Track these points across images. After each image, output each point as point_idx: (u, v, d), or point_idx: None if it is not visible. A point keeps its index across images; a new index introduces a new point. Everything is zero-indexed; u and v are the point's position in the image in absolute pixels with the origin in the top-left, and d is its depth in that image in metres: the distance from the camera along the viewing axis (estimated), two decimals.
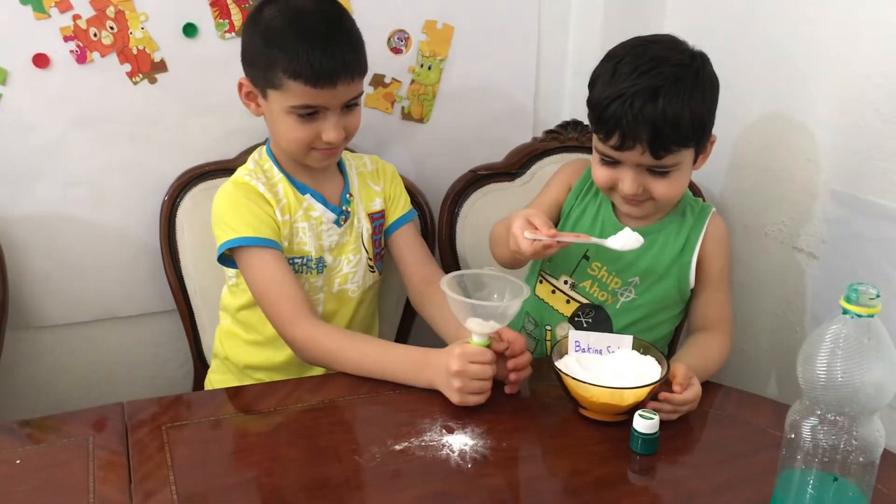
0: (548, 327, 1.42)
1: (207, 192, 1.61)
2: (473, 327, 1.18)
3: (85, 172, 1.58)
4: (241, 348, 1.51)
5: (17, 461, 1.05)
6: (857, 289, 0.84)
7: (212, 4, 1.56)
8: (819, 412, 0.87)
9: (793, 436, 0.90)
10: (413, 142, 1.80)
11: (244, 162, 1.57)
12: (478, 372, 1.16)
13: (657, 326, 1.37)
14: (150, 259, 1.65)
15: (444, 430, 1.14)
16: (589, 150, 1.66)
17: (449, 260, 1.68)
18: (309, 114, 1.33)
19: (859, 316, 0.84)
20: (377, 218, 1.52)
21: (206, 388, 1.58)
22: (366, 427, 1.18)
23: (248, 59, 1.37)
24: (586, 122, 1.71)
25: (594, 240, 1.24)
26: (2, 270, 1.49)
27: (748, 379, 1.66)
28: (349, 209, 1.47)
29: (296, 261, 1.43)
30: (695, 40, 1.34)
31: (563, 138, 1.70)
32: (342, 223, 1.46)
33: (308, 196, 1.44)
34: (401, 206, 1.55)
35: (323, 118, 1.34)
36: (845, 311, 0.85)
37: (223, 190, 1.43)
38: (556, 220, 1.44)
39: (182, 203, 1.62)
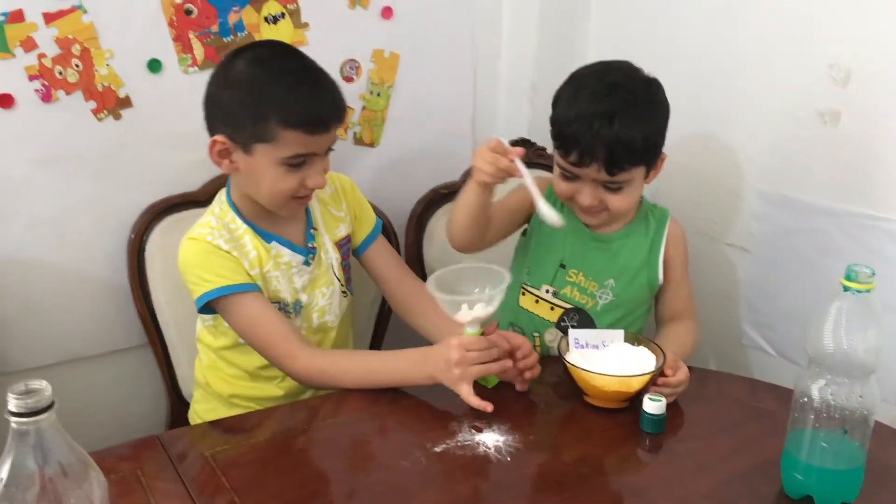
0: (535, 334, 1.52)
1: (176, 224, 1.62)
2: (465, 319, 1.25)
3: (49, 212, 1.55)
4: (225, 381, 1.51)
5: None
6: (855, 269, 1.00)
7: (175, 39, 1.58)
8: (828, 376, 1.03)
9: (805, 399, 1.05)
10: (365, 165, 1.87)
11: (209, 192, 1.60)
12: (476, 357, 1.23)
13: (633, 323, 1.51)
14: (118, 295, 1.63)
15: (473, 430, 1.22)
16: (536, 166, 1.82)
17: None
18: (299, 163, 1.33)
19: (858, 291, 1.00)
20: (344, 244, 1.54)
21: (191, 420, 1.58)
22: (399, 435, 1.24)
23: (225, 117, 1.33)
24: (532, 139, 1.86)
25: (533, 188, 1.31)
26: None
27: (691, 362, 1.83)
28: (314, 245, 1.48)
29: (275, 305, 1.42)
30: None
31: None
32: (311, 262, 1.47)
33: (274, 243, 1.42)
34: (366, 222, 1.58)
35: (310, 165, 1.34)
36: (846, 289, 1.01)
37: (187, 245, 1.39)
38: (521, 222, 1.55)
39: (151, 237, 1.61)
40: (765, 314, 1.70)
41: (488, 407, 1.22)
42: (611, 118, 1.34)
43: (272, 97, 1.29)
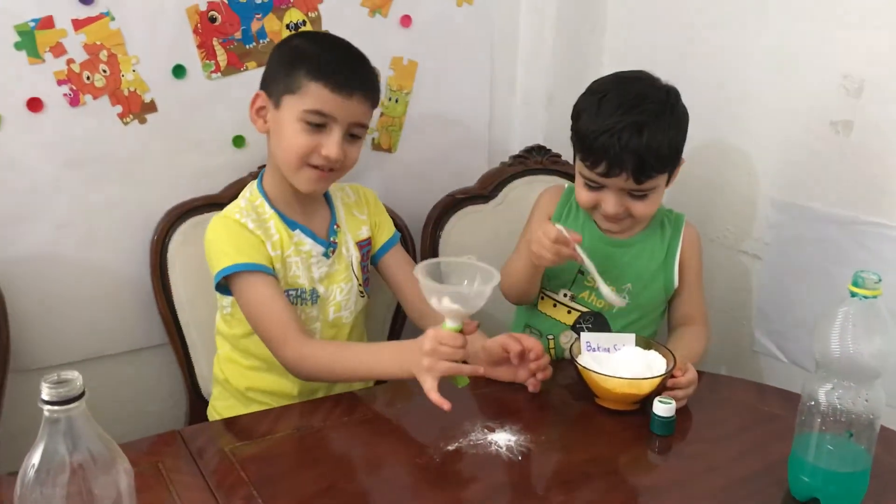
0: (550, 337, 1.55)
1: (196, 226, 1.65)
2: (445, 312, 1.24)
3: (76, 213, 1.59)
4: (240, 373, 1.55)
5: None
6: (862, 276, 1.02)
7: (199, 46, 1.62)
8: (834, 380, 1.05)
9: (812, 402, 1.07)
10: (383, 170, 1.90)
11: (230, 196, 1.64)
12: (448, 353, 1.23)
13: (647, 326, 1.53)
14: (141, 295, 1.67)
15: (486, 430, 1.25)
16: (552, 173, 1.85)
17: None
18: (318, 124, 1.40)
19: (865, 297, 1.02)
20: (364, 245, 1.61)
21: (210, 417, 1.62)
22: (413, 434, 1.27)
23: (269, 74, 1.47)
24: (548, 146, 1.89)
25: (595, 274, 1.39)
26: (3, 314, 1.48)
27: (702, 368, 1.85)
28: (336, 240, 1.55)
29: (290, 293, 1.49)
30: None
31: (530, 162, 1.86)
32: (330, 255, 1.53)
33: (298, 231, 1.50)
34: (386, 230, 1.64)
35: (328, 133, 1.41)
36: (853, 294, 1.03)
37: (214, 222, 1.48)
38: None
39: (173, 238, 1.65)
40: (776, 321, 1.72)
41: (445, 404, 1.21)
42: (640, 129, 1.37)
43: (306, 52, 1.43)
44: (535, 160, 1.86)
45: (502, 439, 1.23)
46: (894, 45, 1.45)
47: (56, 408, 0.72)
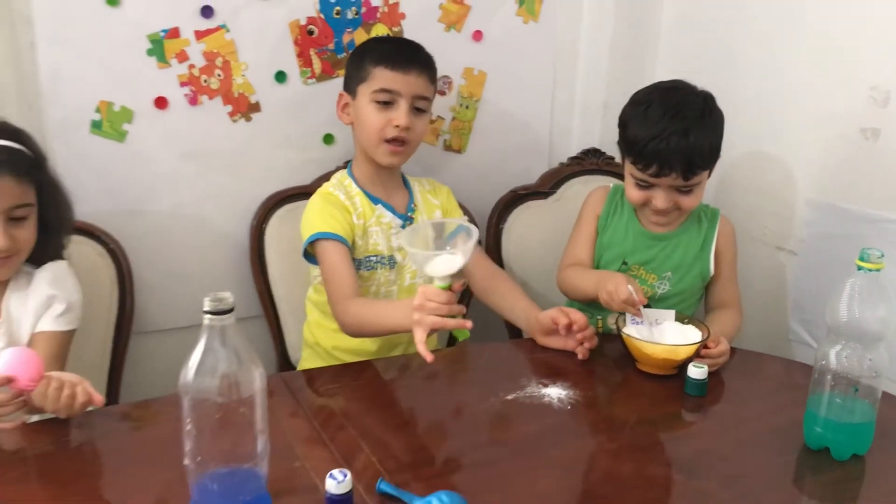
0: (598, 318, 1.74)
1: (290, 212, 1.90)
2: (433, 273, 1.36)
3: (190, 198, 1.85)
4: (328, 335, 1.78)
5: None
6: (867, 251, 1.19)
7: (298, 55, 1.87)
8: (843, 342, 1.22)
9: (824, 362, 1.24)
10: (453, 168, 2.12)
11: (318, 186, 1.87)
12: (434, 308, 1.33)
13: (686, 309, 1.71)
14: (241, 271, 1.92)
15: (540, 385, 1.44)
16: (606, 173, 2.04)
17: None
18: (386, 102, 1.67)
19: (869, 270, 1.19)
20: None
21: None
22: (476, 386, 1.47)
23: (346, 75, 1.77)
24: (602, 150, 2.09)
25: (649, 333, 1.51)
26: (130, 281, 1.74)
27: None
28: (413, 216, 1.79)
29: (371, 258, 1.73)
30: None
31: (585, 163, 2.06)
32: (407, 227, 1.76)
33: (379, 206, 1.75)
34: (457, 217, 1.87)
35: (396, 107, 1.68)
36: (859, 268, 1.20)
37: (312, 199, 1.75)
38: (594, 249, 1.77)
39: (269, 223, 1.89)
40: (810, 312, 1.88)
41: (428, 357, 1.33)
42: (685, 132, 1.56)
43: (369, 47, 1.75)
44: (590, 161, 2.06)
45: (554, 393, 1.42)
46: None
47: (214, 317, 0.95)
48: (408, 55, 1.71)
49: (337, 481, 1.06)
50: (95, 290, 1.66)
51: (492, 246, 2.00)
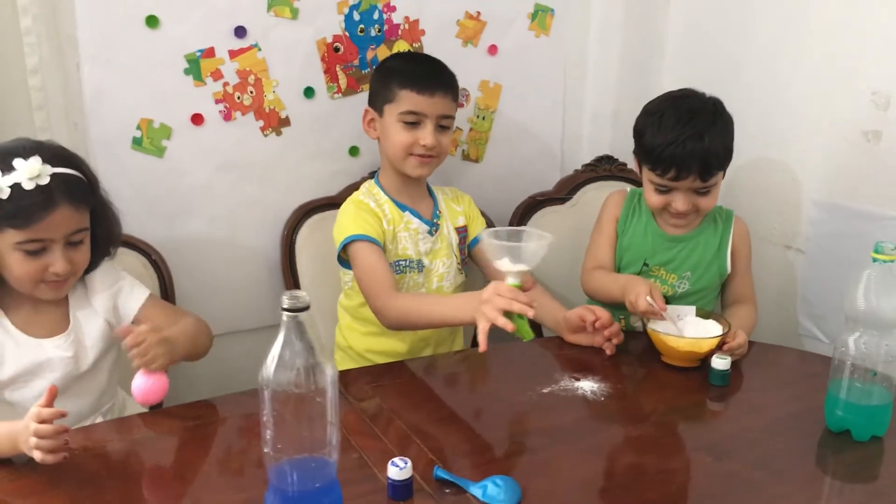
0: (622, 317, 1.82)
1: (320, 221, 1.98)
2: (505, 269, 1.42)
3: (224, 209, 1.92)
4: (359, 338, 1.86)
5: None
6: (881, 244, 1.29)
7: (325, 72, 1.95)
8: (861, 330, 1.31)
9: (843, 349, 1.33)
10: (471, 177, 2.21)
11: (345, 196, 1.95)
12: (504, 304, 1.39)
13: (704, 306, 1.79)
14: (273, 278, 1.99)
15: (572, 379, 1.53)
16: (619, 178, 2.13)
17: None
18: (412, 122, 1.76)
19: (884, 262, 1.29)
20: (462, 231, 1.92)
21: None
22: (512, 381, 1.54)
23: (372, 92, 1.84)
24: (615, 156, 2.18)
25: (674, 329, 1.60)
26: (172, 291, 1.81)
27: None
28: (439, 223, 1.88)
29: (401, 262, 1.81)
30: None
31: (599, 170, 2.15)
32: (434, 233, 1.86)
33: (407, 213, 1.84)
34: (478, 225, 1.96)
35: (422, 127, 1.77)
36: (874, 260, 1.29)
37: (344, 206, 1.83)
38: (614, 251, 1.85)
39: (300, 232, 1.97)
40: (818, 307, 1.97)
41: (483, 346, 1.39)
42: (700, 137, 1.65)
43: (396, 68, 1.81)
44: (604, 168, 2.15)
45: (586, 386, 1.51)
46: None
47: (292, 314, 1.02)
48: (433, 78, 1.78)
49: (399, 468, 1.14)
50: None
51: None
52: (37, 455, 1.14)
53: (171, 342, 1.38)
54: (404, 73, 1.78)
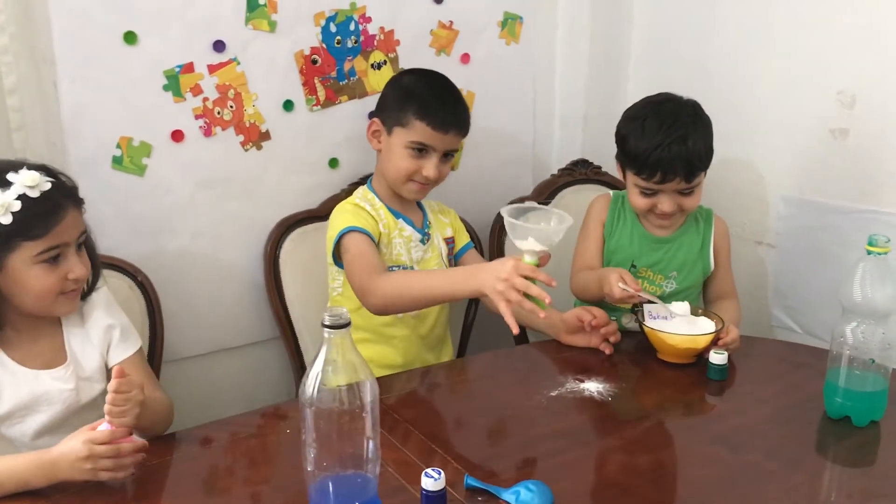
0: (613, 318, 1.85)
1: (302, 235, 1.96)
2: (526, 247, 1.45)
3: (206, 225, 1.89)
4: None
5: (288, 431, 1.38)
6: (875, 237, 1.35)
7: (303, 84, 1.94)
8: (857, 319, 1.37)
9: (841, 338, 1.39)
10: (447, 184, 2.19)
11: (327, 210, 1.94)
12: (522, 286, 1.42)
13: (691, 303, 1.84)
14: (257, 294, 1.96)
15: (577, 381, 1.55)
16: (595, 182, 2.17)
17: None
18: (419, 150, 1.76)
19: (878, 254, 1.35)
20: (449, 242, 1.94)
21: None
22: (518, 387, 1.57)
23: (384, 105, 1.84)
24: (590, 160, 2.22)
25: (660, 303, 1.67)
26: (159, 312, 1.77)
27: None
28: (430, 232, 1.89)
29: (394, 268, 1.81)
30: None
31: (576, 173, 2.19)
32: (425, 242, 1.87)
33: (401, 220, 1.85)
34: (463, 236, 1.99)
35: (428, 157, 1.78)
36: (869, 252, 1.35)
37: (339, 207, 1.83)
38: (601, 253, 1.89)
39: (283, 246, 1.95)
40: (791, 298, 2.05)
41: (515, 328, 1.43)
42: (684, 140, 1.69)
43: (414, 93, 1.79)
44: (580, 172, 2.19)
45: (592, 387, 1.53)
46: (879, 64, 1.80)
47: (333, 331, 1.02)
48: (450, 115, 1.78)
49: (433, 479, 1.14)
50: None
51: (496, 255, 2.10)
52: (104, 476, 1.18)
53: (143, 408, 1.25)
54: (422, 104, 1.76)
